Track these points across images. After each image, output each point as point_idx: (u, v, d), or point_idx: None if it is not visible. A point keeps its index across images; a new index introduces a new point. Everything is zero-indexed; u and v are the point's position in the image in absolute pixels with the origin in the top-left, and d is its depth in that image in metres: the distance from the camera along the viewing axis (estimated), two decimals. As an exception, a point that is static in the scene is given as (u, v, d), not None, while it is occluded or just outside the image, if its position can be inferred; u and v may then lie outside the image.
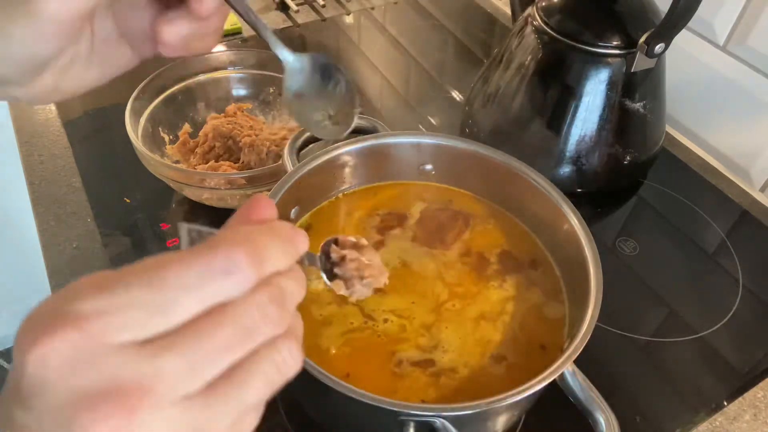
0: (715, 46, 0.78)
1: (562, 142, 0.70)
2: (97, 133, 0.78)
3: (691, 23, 0.62)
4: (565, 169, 0.71)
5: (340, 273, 0.40)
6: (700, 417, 0.56)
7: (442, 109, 0.88)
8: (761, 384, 0.58)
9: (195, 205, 0.69)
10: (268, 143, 0.69)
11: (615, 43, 0.65)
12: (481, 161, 0.57)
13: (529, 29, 0.70)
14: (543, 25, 0.68)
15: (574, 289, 0.51)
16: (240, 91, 0.78)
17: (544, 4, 0.70)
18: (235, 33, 0.98)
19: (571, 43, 0.66)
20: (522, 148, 0.70)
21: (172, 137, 0.72)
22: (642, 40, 0.64)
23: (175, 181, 0.64)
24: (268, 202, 0.28)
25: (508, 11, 0.81)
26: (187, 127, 0.73)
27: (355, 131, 0.60)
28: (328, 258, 0.40)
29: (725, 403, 0.57)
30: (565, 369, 0.42)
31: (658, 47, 0.64)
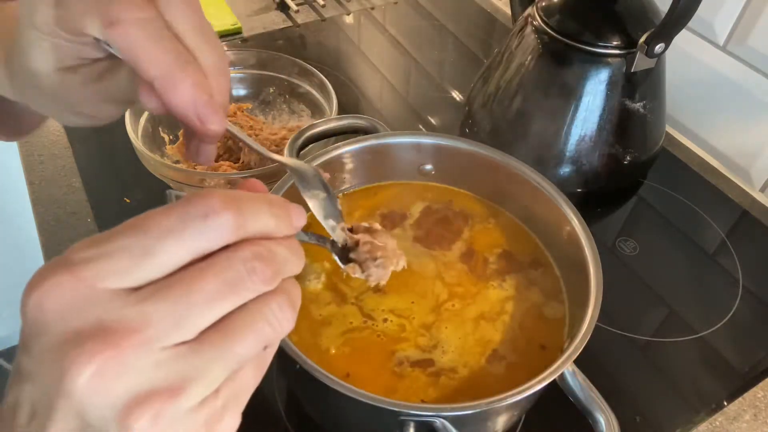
0: (715, 46, 0.78)
1: (562, 142, 0.70)
2: (97, 133, 0.78)
3: (691, 23, 0.62)
4: (565, 169, 0.71)
5: (355, 257, 0.41)
6: (700, 417, 0.56)
7: (442, 109, 0.88)
8: (761, 384, 0.58)
9: (195, 205, 0.69)
10: (268, 143, 0.69)
11: (615, 43, 0.65)
12: (481, 161, 0.57)
13: (529, 29, 0.70)
14: (543, 25, 0.68)
15: (574, 289, 0.51)
16: (240, 91, 0.78)
17: (544, 4, 0.70)
18: (235, 33, 0.98)
19: (571, 43, 0.66)
20: (522, 148, 0.70)
21: (172, 137, 0.72)
22: (642, 40, 0.64)
23: (175, 181, 0.64)
24: (259, 183, 0.30)
25: (508, 11, 0.81)
26: (187, 127, 0.73)
27: (355, 131, 0.60)
28: (343, 244, 0.41)
29: (725, 403, 0.57)
30: (565, 369, 0.42)
31: (658, 47, 0.64)
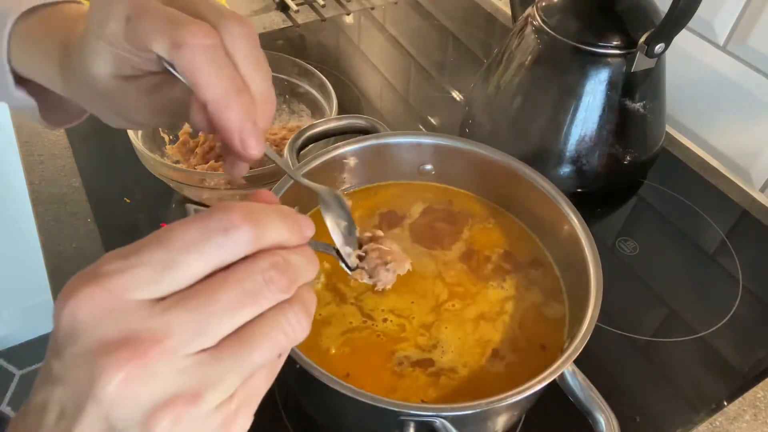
0: (715, 46, 0.78)
1: (562, 142, 0.70)
2: (97, 133, 0.78)
3: (691, 23, 0.62)
4: (565, 169, 0.71)
5: (366, 267, 0.43)
6: (700, 417, 0.56)
7: (442, 109, 0.88)
8: (761, 384, 0.58)
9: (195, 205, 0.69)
10: (268, 143, 0.68)
11: (615, 43, 0.65)
12: (481, 161, 0.57)
13: (529, 29, 0.70)
14: (543, 25, 0.68)
15: (574, 289, 0.51)
16: (240, 91, 0.77)
17: (544, 4, 0.70)
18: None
19: (571, 43, 0.66)
20: (522, 148, 0.70)
21: (172, 137, 0.72)
22: (642, 40, 0.64)
23: (175, 181, 0.64)
24: (271, 194, 0.31)
25: (508, 11, 0.81)
26: (187, 127, 0.73)
27: (355, 131, 0.60)
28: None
29: (725, 403, 0.57)
30: (565, 369, 0.42)
31: (658, 47, 0.64)
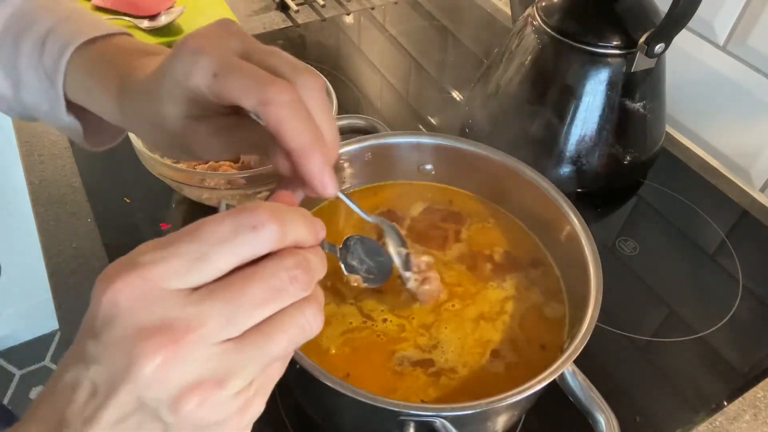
0: (715, 46, 0.78)
1: (562, 142, 0.70)
2: (97, 133, 0.78)
3: (691, 23, 0.62)
4: (565, 169, 0.71)
5: (415, 268, 0.49)
6: (700, 417, 0.56)
7: (442, 109, 0.88)
8: (761, 384, 0.58)
9: (195, 205, 0.69)
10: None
11: (615, 43, 0.65)
12: (481, 161, 0.57)
13: (529, 29, 0.70)
14: (543, 25, 0.68)
15: (574, 289, 0.51)
16: (240, 91, 0.77)
17: (544, 4, 0.70)
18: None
19: (571, 43, 0.66)
20: (522, 149, 0.70)
21: (172, 137, 0.72)
22: (642, 40, 0.64)
23: (175, 181, 0.64)
24: (291, 196, 0.34)
25: (508, 11, 0.81)
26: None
27: (355, 131, 0.60)
28: (348, 250, 0.45)
29: (725, 403, 0.57)
30: (565, 369, 0.42)
31: (658, 47, 0.64)
